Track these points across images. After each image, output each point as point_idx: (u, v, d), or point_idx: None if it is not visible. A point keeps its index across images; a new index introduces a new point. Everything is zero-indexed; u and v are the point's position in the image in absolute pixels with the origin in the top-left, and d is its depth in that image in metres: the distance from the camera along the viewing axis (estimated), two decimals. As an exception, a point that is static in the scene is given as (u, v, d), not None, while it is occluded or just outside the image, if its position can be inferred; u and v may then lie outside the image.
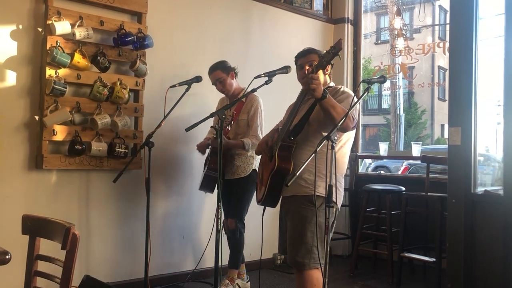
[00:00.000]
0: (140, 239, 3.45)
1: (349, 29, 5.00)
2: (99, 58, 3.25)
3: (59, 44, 3.08)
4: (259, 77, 2.68)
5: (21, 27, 3.05)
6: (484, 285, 3.06)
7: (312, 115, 2.42)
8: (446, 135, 10.95)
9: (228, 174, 3.42)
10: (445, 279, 3.32)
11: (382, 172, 9.28)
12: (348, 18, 4.99)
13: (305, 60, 2.56)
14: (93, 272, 3.27)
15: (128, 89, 3.39)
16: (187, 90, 3.31)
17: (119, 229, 3.51)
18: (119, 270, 3.49)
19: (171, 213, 3.80)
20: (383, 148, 5.22)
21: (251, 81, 2.69)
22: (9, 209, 2.98)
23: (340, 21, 5.01)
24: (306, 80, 2.22)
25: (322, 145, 2.09)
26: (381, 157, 6.31)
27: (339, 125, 2.14)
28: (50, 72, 3.07)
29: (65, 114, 3.11)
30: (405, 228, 3.94)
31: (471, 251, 3.10)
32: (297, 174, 2.03)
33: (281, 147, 2.40)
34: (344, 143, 2.51)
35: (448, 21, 4.01)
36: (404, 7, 6.75)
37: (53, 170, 3.18)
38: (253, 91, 2.67)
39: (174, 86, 3.31)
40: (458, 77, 3.21)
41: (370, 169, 8.83)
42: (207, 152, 3.49)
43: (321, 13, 4.98)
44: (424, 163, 4.18)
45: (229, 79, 3.41)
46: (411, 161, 8.06)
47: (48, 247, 1.75)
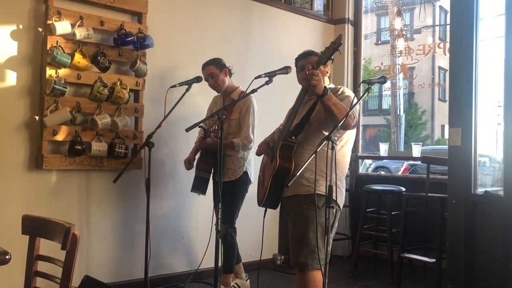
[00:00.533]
0: (140, 239, 3.45)
1: (349, 29, 5.00)
2: (99, 58, 3.25)
3: (59, 44, 3.08)
4: (259, 77, 2.68)
5: (21, 27, 3.06)
6: (484, 285, 3.06)
7: (312, 115, 2.43)
8: (446, 136, 10.96)
9: (218, 176, 3.36)
10: (445, 280, 3.32)
11: (382, 172, 9.28)
12: (348, 18, 5.00)
13: (305, 61, 2.57)
14: (93, 272, 3.26)
15: (128, 89, 3.39)
16: (188, 90, 3.30)
17: (119, 229, 3.51)
18: (119, 270, 3.50)
19: (171, 213, 3.80)
20: (383, 148, 5.21)
21: (251, 81, 2.69)
22: (9, 209, 2.98)
23: (340, 22, 5.01)
24: (306, 76, 2.22)
25: (323, 144, 2.09)
26: (381, 158, 6.30)
27: (340, 125, 2.14)
28: (50, 72, 3.07)
29: (65, 114, 3.11)
30: (405, 228, 3.94)
31: (471, 252, 3.09)
32: (298, 174, 2.04)
33: (282, 146, 2.40)
34: (345, 143, 2.52)
35: (448, 21, 4.00)
36: (404, 7, 6.75)
37: (53, 170, 3.18)
38: (254, 91, 2.67)
39: (174, 86, 3.31)
40: (458, 78, 3.21)
41: (370, 170, 8.83)
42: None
43: (322, 13, 4.98)
44: (424, 163, 4.18)
45: (221, 76, 3.37)
46: (411, 162, 8.06)
47: (48, 247, 1.75)
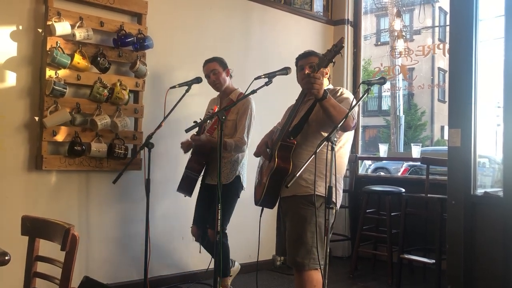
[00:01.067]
0: (139, 240, 3.44)
1: (349, 30, 5.00)
2: (99, 59, 3.25)
3: (59, 45, 3.08)
4: (259, 78, 2.68)
5: (21, 28, 3.06)
6: (484, 286, 3.06)
7: (311, 116, 2.42)
8: (446, 137, 10.95)
9: (210, 178, 3.32)
10: (445, 281, 3.32)
11: (382, 173, 9.29)
12: (348, 19, 5.00)
13: (305, 61, 2.57)
14: (92, 273, 3.26)
15: (128, 90, 3.39)
16: (187, 91, 3.30)
17: (118, 230, 3.51)
18: (119, 271, 3.49)
19: (171, 214, 3.79)
20: (383, 149, 5.21)
21: (251, 82, 2.69)
22: (8, 210, 2.98)
23: (340, 23, 5.02)
24: (307, 79, 2.22)
25: (322, 145, 2.09)
26: (381, 159, 6.31)
27: (339, 126, 2.14)
28: (50, 73, 3.07)
29: (65, 115, 3.11)
30: (405, 229, 3.94)
31: (471, 253, 3.09)
32: (297, 175, 2.04)
33: (280, 147, 2.40)
34: (343, 144, 2.52)
35: (448, 22, 4.01)
36: (404, 8, 6.76)
37: (53, 171, 3.18)
38: (253, 92, 2.67)
39: (174, 87, 3.30)
40: (458, 79, 3.21)
41: (370, 171, 8.83)
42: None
43: (321, 14, 4.99)
44: (424, 164, 4.18)
45: (223, 74, 3.34)
46: (411, 163, 8.07)
47: (47, 248, 1.75)
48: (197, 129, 3.18)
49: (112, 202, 3.47)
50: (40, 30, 3.12)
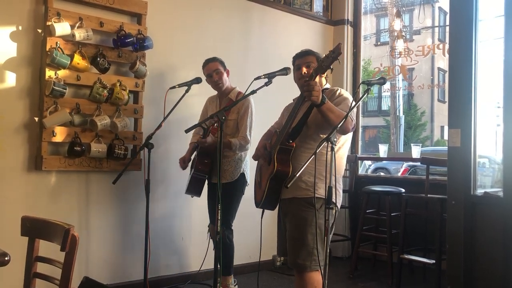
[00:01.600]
0: (139, 241, 3.44)
1: (348, 30, 4.99)
2: (98, 59, 3.25)
3: (58, 45, 3.08)
4: (259, 78, 2.68)
5: (21, 28, 3.06)
6: (484, 286, 3.06)
7: (310, 118, 2.41)
8: (445, 137, 10.97)
9: (215, 177, 3.33)
10: (445, 281, 3.32)
11: (382, 173, 9.30)
12: (347, 19, 4.99)
13: (302, 61, 2.56)
14: (92, 273, 3.26)
15: (127, 90, 3.39)
16: (187, 91, 3.30)
17: (118, 230, 3.51)
18: (119, 271, 3.49)
19: (170, 214, 3.79)
20: (383, 149, 5.21)
21: (251, 82, 2.70)
22: (8, 210, 2.98)
23: (339, 23, 5.01)
24: (306, 88, 2.20)
25: (321, 146, 2.09)
26: (381, 159, 6.32)
27: (339, 127, 2.14)
28: (49, 73, 3.07)
29: (65, 115, 3.11)
30: (405, 229, 3.94)
31: (471, 253, 3.09)
32: (297, 175, 2.03)
33: (279, 150, 2.39)
34: (342, 145, 2.51)
35: (448, 22, 4.01)
36: (403, 8, 6.77)
37: (53, 171, 3.18)
38: (253, 92, 2.67)
39: (173, 87, 3.30)
40: (458, 79, 3.21)
41: (369, 171, 8.84)
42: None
43: (321, 14, 4.99)
44: (423, 164, 4.18)
45: (225, 74, 3.37)
46: (411, 163, 8.07)
47: (47, 248, 1.74)
48: (193, 131, 3.20)
49: (112, 202, 3.46)
50: (39, 30, 3.12)
